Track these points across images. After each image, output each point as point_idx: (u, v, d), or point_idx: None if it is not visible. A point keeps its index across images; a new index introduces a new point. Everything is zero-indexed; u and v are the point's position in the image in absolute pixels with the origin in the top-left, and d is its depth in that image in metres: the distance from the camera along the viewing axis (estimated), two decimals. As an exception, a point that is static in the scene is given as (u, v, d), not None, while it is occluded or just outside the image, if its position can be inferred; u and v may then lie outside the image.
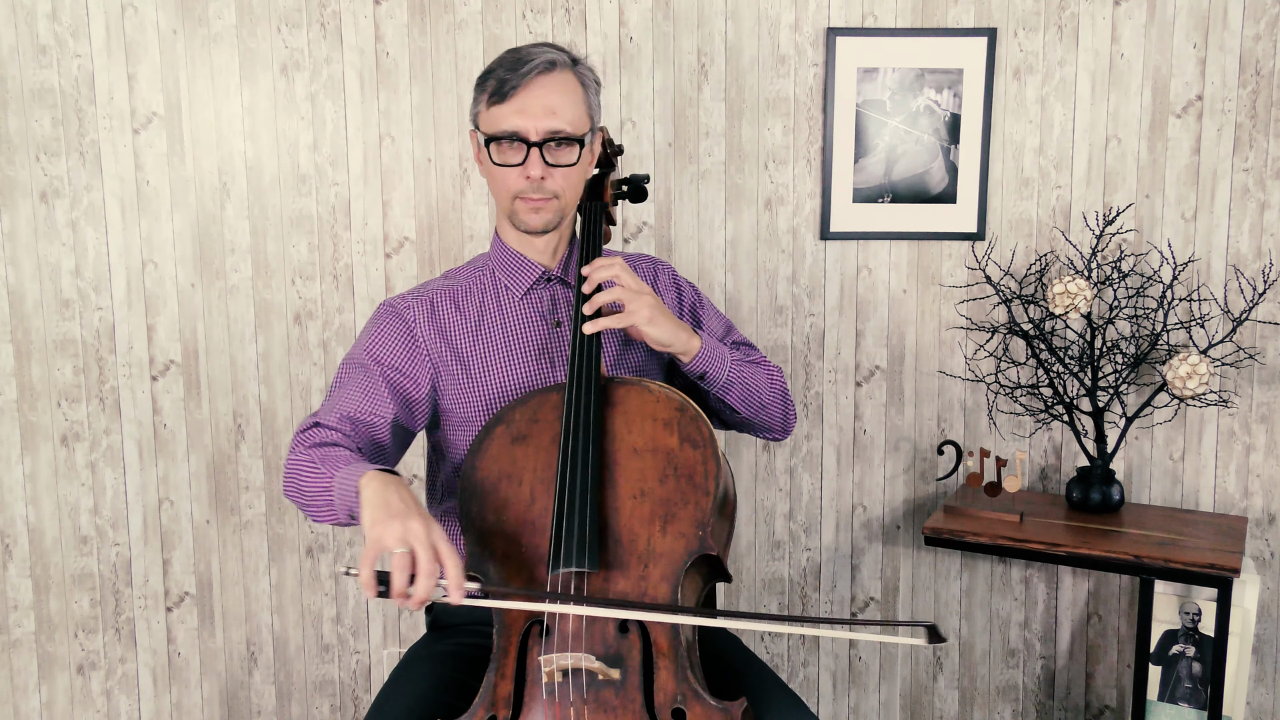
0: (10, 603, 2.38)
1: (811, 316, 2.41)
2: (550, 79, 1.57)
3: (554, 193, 1.60)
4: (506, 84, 1.56)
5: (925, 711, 2.53)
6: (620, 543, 1.44)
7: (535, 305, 1.69)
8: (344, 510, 1.42)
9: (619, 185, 1.82)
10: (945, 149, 2.34)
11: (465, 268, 1.75)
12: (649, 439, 1.49)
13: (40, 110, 2.26)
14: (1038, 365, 2.35)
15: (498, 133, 1.58)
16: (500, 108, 1.57)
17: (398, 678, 1.59)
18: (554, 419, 1.52)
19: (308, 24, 2.28)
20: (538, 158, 1.57)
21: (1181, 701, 2.29)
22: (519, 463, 1.51)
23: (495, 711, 1.38)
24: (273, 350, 2.37)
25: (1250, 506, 2.39)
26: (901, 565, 2.49)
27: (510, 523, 1.48)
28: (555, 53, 1.59)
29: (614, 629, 1.39)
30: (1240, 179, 2.32)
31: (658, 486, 1.46)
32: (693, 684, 1.36)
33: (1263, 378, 2.36)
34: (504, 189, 1.61)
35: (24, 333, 2.32)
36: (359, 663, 2.48)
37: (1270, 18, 2.27)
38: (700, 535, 1.43)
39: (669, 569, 1.42)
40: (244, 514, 2.41)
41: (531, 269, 1.68)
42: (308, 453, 1.50)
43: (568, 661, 1.35)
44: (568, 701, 1.36)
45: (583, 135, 1.61)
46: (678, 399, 1.52)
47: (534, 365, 1.66)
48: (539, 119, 1.56)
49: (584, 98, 1.62)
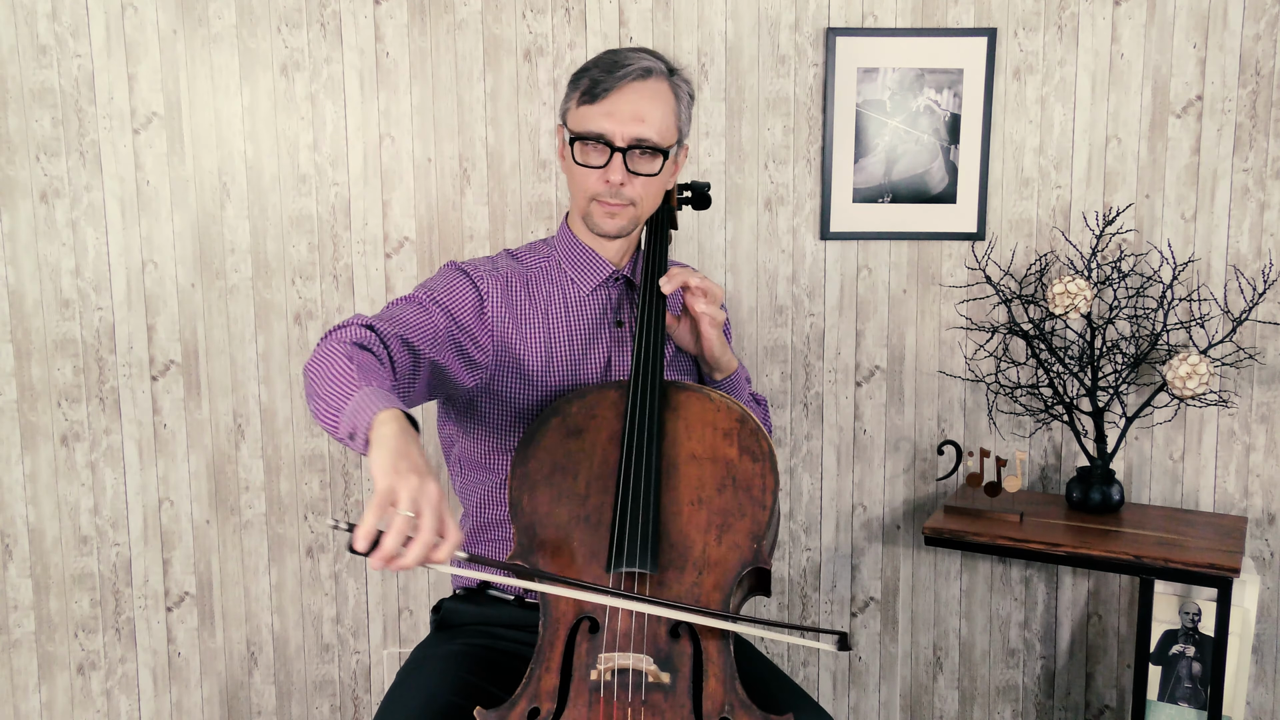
0: (10, 603, 2.38)
1: (811, 316, 2.41)
2: (644, 86, 1.56)
3: (631, 200, 1.60)
4: (599, 85, 1.56)
5: (925, 711, 2.53)
6: (676, 547, 1.44)
7: (599, 303, 1.69)
8: (347, 427, 1.30)
9: (682, 191, 1.82)
10: (945, 149, 2.34)
11: (530, 253, 1.72)
12: (709, 447, 1.50)
13: (40, 110, 2.26)
14: (1038, 365, 2.35)
15: (584, 132, 1.57)
16: (590, 108, 1.57)
17: (406, 678, 1.58)
18: (612, 416, 1.52)
19: (308, 24, 2.28)
20: (620, 163, 1.57)
21: (1181, 701, 2.29)
22: (574, 456, 1.50)
23: (539, 704, 1.36)
24: (273, 350, 2.37)
25: (1250, 506, 2.39)
26: (901, 565, 2.49)
27: (563, 515, 1.47)
28: (652, 60, 1.58)
29: (666, 632, 1.39)
30: (1240, 179, 2.32)
31: (715, 495, 1.47)
32: (740, 694, 1.36)
33: (1263, 378, 2.36)
34: (582, 190, 1.61)
35: (24, 333, 2.32)
36: (359, 663, 2.48)
37: (1270, 18, 2.27)
38: (755, 548, 1.44)
39: (722, 578, 1.42)
40: (244, 514, 2.41)
41: (602, 267, 1.68)
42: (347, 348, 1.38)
43: (628, 661, 1.35)
44: (615, 701, 1.35)
45: (668, 147, 1.60)
46: (739, 410, 1.53)
47: (592, 363, 1.66)
48: (627, 124, 1.56)
49: (675, 109, 1.61)
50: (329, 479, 2.41)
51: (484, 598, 1.67)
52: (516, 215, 2.36)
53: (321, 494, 2.41)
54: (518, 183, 2.35)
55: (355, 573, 2.44)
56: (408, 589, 2.46)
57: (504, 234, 2.36)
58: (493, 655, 1.61)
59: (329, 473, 2.41)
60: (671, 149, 1.62)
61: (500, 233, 2.36)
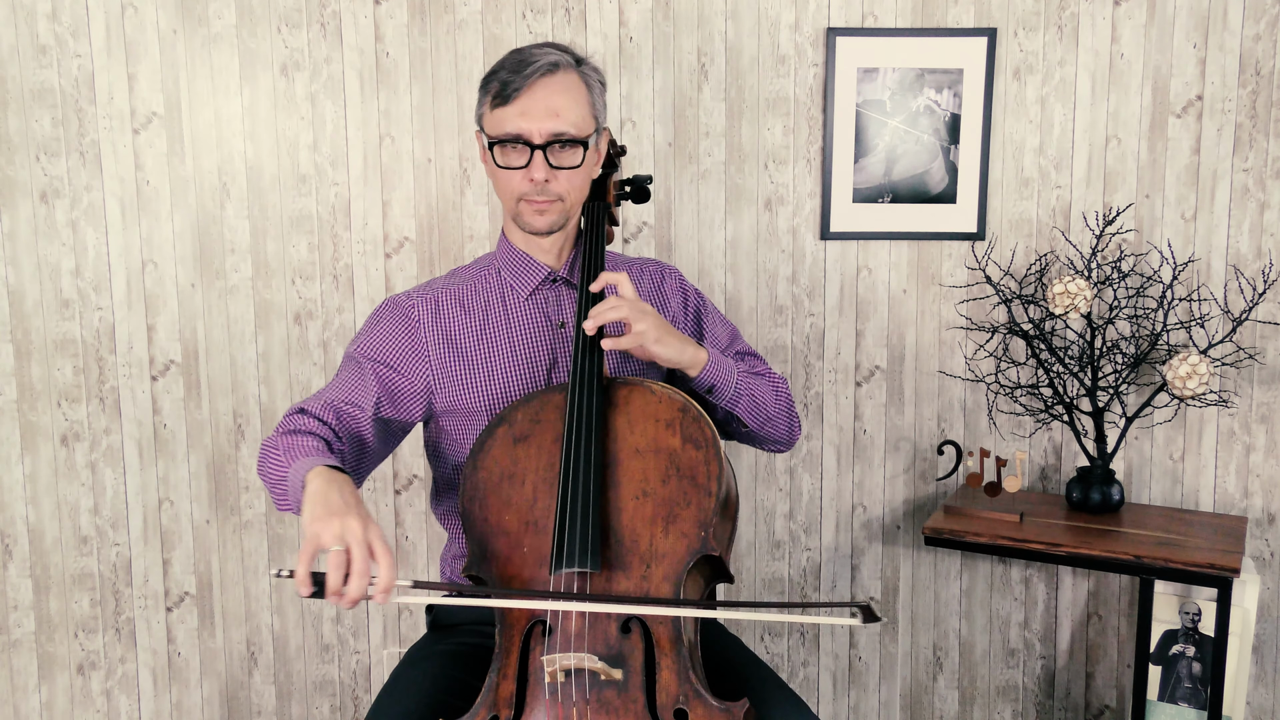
0: (10, 603, 2.38)
1: (811, 316, 2.41)
2: (554, 80, 1.57)
3: (558, 195, 1.60)
4: (509, 85, 1.56)
5: (925, 711, 2.53)
6: (622, 543, 1.44)
7: (540, 306, 1.69)
8: (295, 502, 1.41)
9: (622, 186, 1.82)
10: (945, 149, 2.34)
11: (471, 267, 1.75)
12: (651, 439, 1.49)
13: (40, 110, 2.26)
14: (1038, 365, 2.35)
15: (501, 135, 1.57)
16: (503, 110, 1.57)
17: (399, 677, 1.58)
18: (556, 419, 1.52)
19: (308, 24, 2.28)
20: (541, 160, 1.57)
21: (1181, 701, 2.29)
22: (521, 463, 1.51)
23: (497, 711, 1.38)
24: (273, 350, 2.37)
25: (1250, 506, 2.39)
26: (901, 565, 2.49)
27: (512, 523, 1.48)
28: (558, 53, 1.59)
29: (616, 629, 1.39)
30: (1240, 179, 2.32)
31: (660, 487, 1.46)
32: (695, 684, 1.36)
33: (1263, 378, 2.36)
34: (508, 191, 1.61)
35: (24, 333, 2.32)
36: (359, 663, 2.48)
37: (1270, 18, 2.27)
38: (703, 536, 1.43)
39: (671, 569, 1.42)
40: (244, 514, 2.41)
41: (537, 270, 1.68)
42: (281, 438, 1.49)
43: (570, 661, 1.35)
44: (570, 701, 1.36)
45: (587, 137, 1.60)
46: (680, 399, 1.52)
47: (537, 366, 1.66)
48: (542, 121, 1.56)
49: (588, 98, 1.61)
50: (329, 479, 2.41)
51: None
52: (516, 215, 2.36)
53: (321, 494, 2.41)
54: (518, 183, 2.35)
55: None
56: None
57: (504, 234, 2.36)
58: (486, 654, 1.61)
59: (329, 473, 2.40)
60: (590, 138, 1.61)
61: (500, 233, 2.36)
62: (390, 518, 2.43)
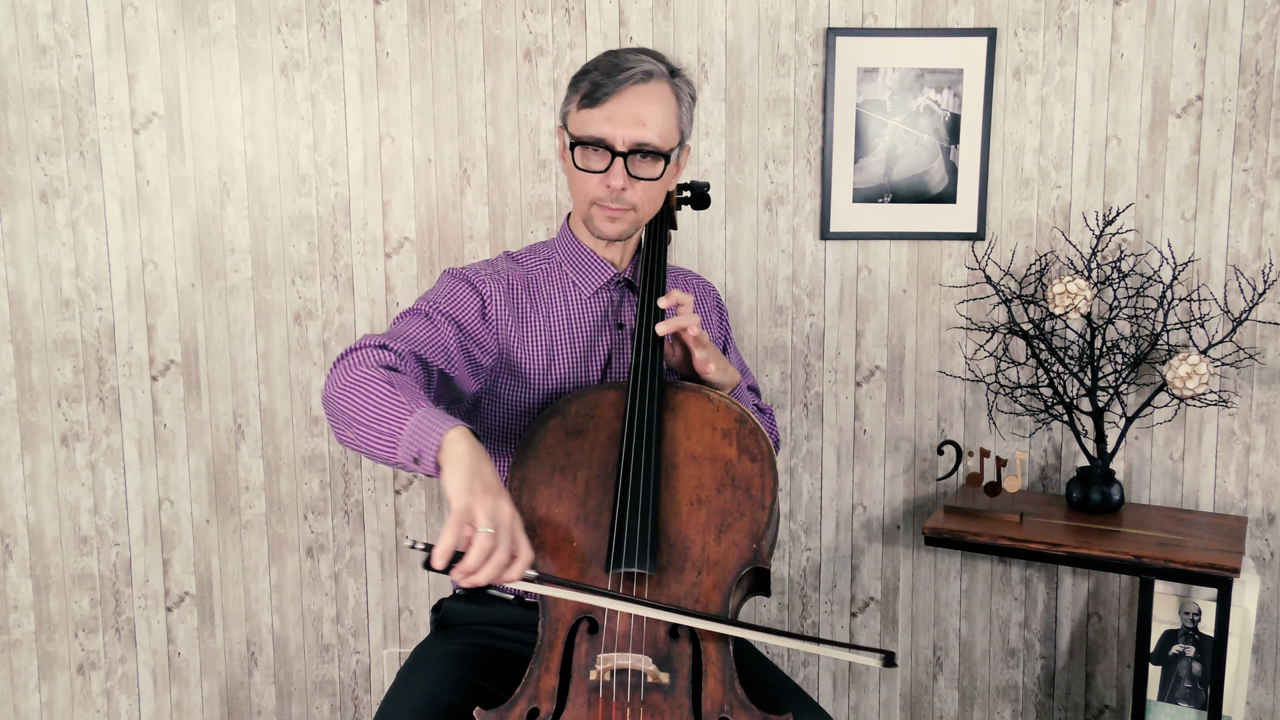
0: (10, 603, 2.38)
1: (811, 316, 2.41)
2: (645, 89, 1.55)
3: (632, 204, 1.59)
4: (600, 89, 1.54)
5: (925, 711, 2.53)
6: (675, 548, 1.44)
7: (600, 305, 1.69)
8: (409, 451, 1.29)
9: (681, 191, 1.82)
10: (945, 149, 2.34)
11: (530, 255, 1.73)
12: (708, 447, 1.50)
13: (40, 110, 2.26)
14: (1038, 365, 2.35)
15: (585, 137, 1.56)
16: (590, 111, 1.55)
17: (406, 677, 1.58)
18: (612, 416, 1.52)
19: (308, 24, 2.28)
20: (621, 168, 1.56)
21: (1181, 701, 2.29)
22: (574, 456, 1.50)
23: (538, 704, 1.37)
24: (273, 350, 2.37)
25: (1250, 506, 2.39)
26: (901, 565, 2.49)
27: (562, 516, 1.47)
28: (654, 62, 1.57)
29: (665, 633, 1.39)
30: (1240, 179, 2.32)
31: (714, 495, 1.47)
32: (740, 695, 1.36)
33: (1263, 378, 2.36)
34: (583, 194, 1.60)
35: (24, 333, 2.32)
36: (359, 663, 2.48)
37: (1270, 18, 2.27)
38: (754, 548, 1.44)
39: (721, 578, 1.42)
40: (244, 514, 2.41)
41: (604, 270, 1.68)
42: (379, 372, 1.37)
43: (626, 661, 1.35)
44: (614, 701, 1.35)
45: (670, 150, 1.59)
46: (737, 410, 1.53)
47: (593, 362, 1.66)
48: (628, 129, 1.54)
49: (676, 111, 1.60)
50: (329, 479, 2.41)
51: (483, 597, 1.67)
52: (516, 215, 2.36)
53: (321, 494, 2.41)
54: (518, 183, 2.35)
55: (355, 573, 2.44)
56: (407, 589, 2.46)
57: (504, 234, 2.36)
58: (492, 655, 1.61)
59: (329, 472, 2.41)
60: (673, 152, 1.61)
61: (500, 233, 2.36)
62: (390, 518, 2.43)
